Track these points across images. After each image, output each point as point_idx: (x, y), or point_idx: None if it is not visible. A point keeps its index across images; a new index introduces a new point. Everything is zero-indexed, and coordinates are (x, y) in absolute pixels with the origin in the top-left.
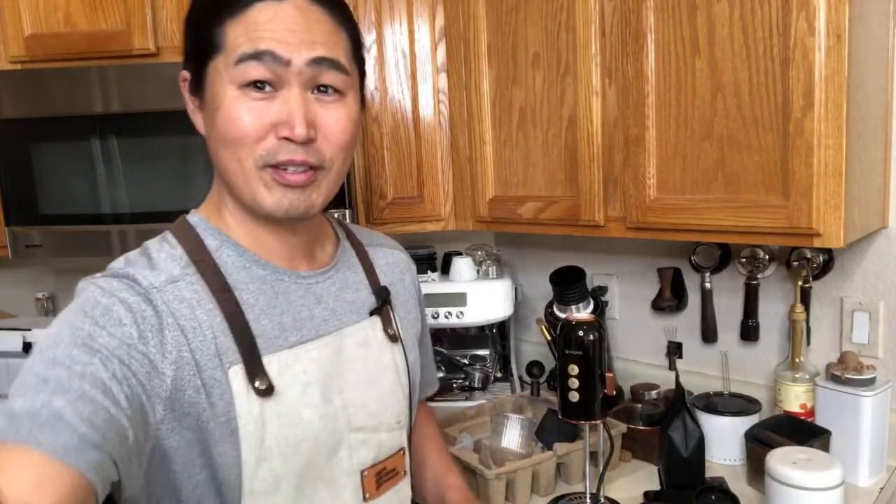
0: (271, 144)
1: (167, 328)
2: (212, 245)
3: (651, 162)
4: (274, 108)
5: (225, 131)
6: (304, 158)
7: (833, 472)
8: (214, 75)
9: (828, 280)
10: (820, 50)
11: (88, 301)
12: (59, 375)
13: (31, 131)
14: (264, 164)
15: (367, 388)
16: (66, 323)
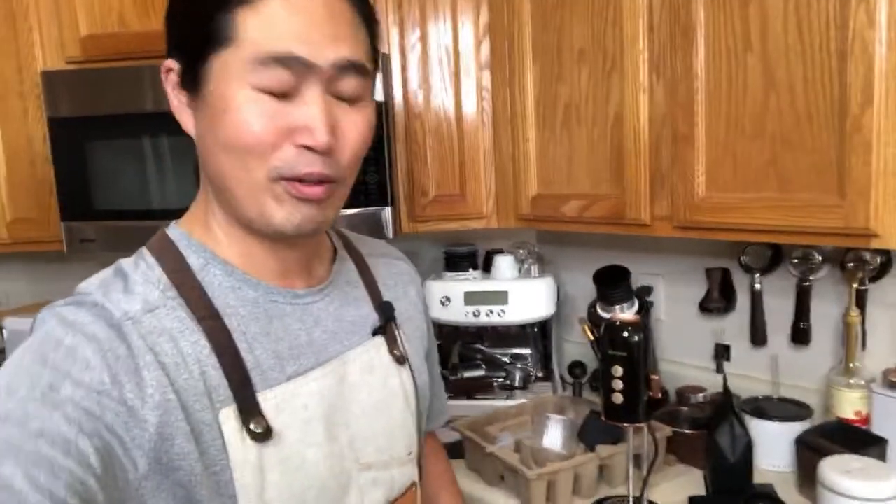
0: (288, 154)
1: (145, 368)
2: (195, 264)
3: (700, 160)
4: (292, 110)
5: (235, 136)
6: (323, 170)
7: (890, 483)
8: (221, 71)
9: (885, 282)
10: (880, 43)
11: (49, 340)
12: (10, 435)
13: (86, 129)
14: (279, 176)
15: (375, 419)
16: (22, 369)
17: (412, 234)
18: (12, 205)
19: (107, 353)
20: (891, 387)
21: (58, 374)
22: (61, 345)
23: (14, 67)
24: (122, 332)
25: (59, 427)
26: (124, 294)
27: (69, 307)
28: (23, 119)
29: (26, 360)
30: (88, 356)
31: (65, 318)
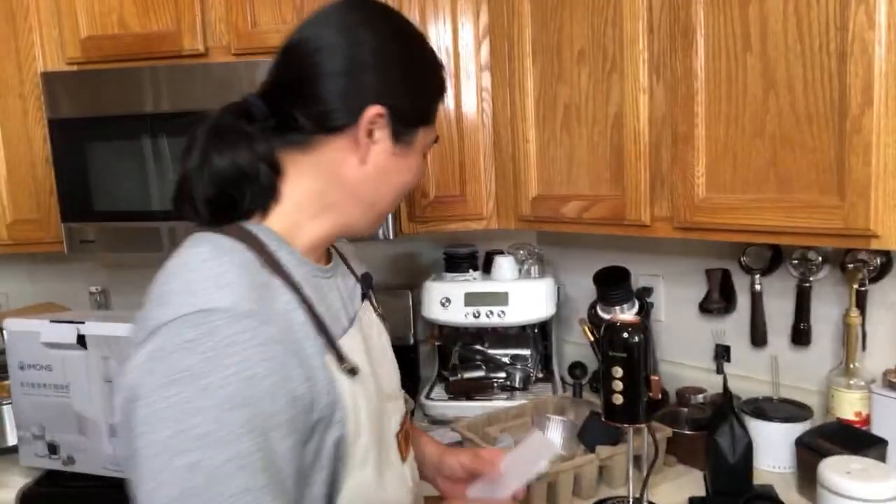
0: None
1: (295, 355)
2: (270, 245)
3: (700, 160)
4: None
5: (411, 182)
6: None
7: (890, 484)
8: (422, 139)
9: (885, 283)
10: (880, 44)
11: (247, 375)
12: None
13: (86, 130)
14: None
15: (384, 361)
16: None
17: (412, 234)
18: (12, 206)
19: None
20: (891, 388)
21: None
22: (256, 375)
23: (14, 68)
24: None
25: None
26: (251, 290)
27: (231, 320)
28: (23, 120)
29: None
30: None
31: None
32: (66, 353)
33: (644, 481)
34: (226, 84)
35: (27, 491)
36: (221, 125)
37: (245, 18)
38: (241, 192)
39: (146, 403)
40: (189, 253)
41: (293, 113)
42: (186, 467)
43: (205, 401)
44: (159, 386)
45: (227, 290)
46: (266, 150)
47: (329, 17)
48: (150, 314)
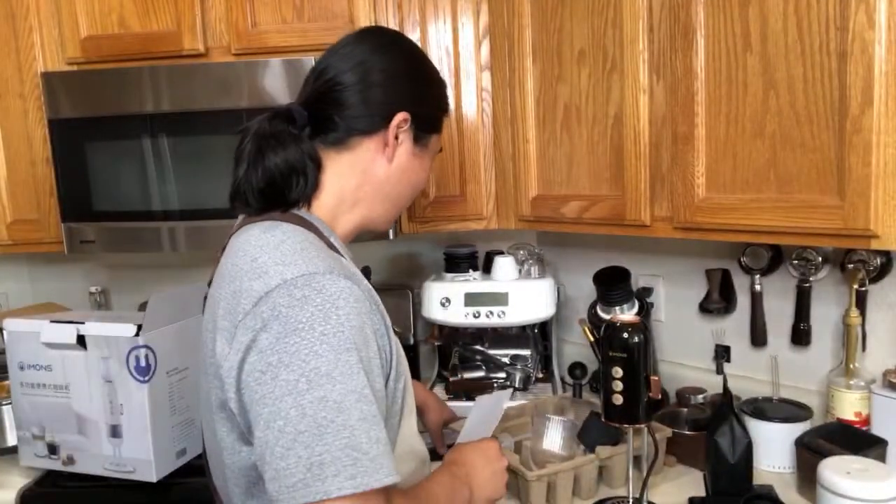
0: None
1: (378, 312)
2: (324, 232)
3: (700, 160)
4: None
5: (422, 183)
6: None
7: (890, 484)
8: (433, 145)
9: (885, 283)
10: (880, 44)
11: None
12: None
13: (86, 130)
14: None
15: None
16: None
17: (412, 234)
18: (12, 206)
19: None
20: (891, 388)
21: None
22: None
23: (14, 68)
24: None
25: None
26: (331, 260)
27: (336, 278)
28: (23, 120)
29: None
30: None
31: (347, 287)
32: (66, 353)
33: (644, 481)
34: (226, 84)
35: (27, 491)
36: (272, 129)
37: (245, 18)
38: (290, 184)
39: (268, 356)
40: (262, 238)
41: (333, 117)
42: (316, 401)
43: (324, 345)
44: (278, 338)
45: (317, 259)
46: (310, 148)
47: (359, 38)
48: (248, 286)
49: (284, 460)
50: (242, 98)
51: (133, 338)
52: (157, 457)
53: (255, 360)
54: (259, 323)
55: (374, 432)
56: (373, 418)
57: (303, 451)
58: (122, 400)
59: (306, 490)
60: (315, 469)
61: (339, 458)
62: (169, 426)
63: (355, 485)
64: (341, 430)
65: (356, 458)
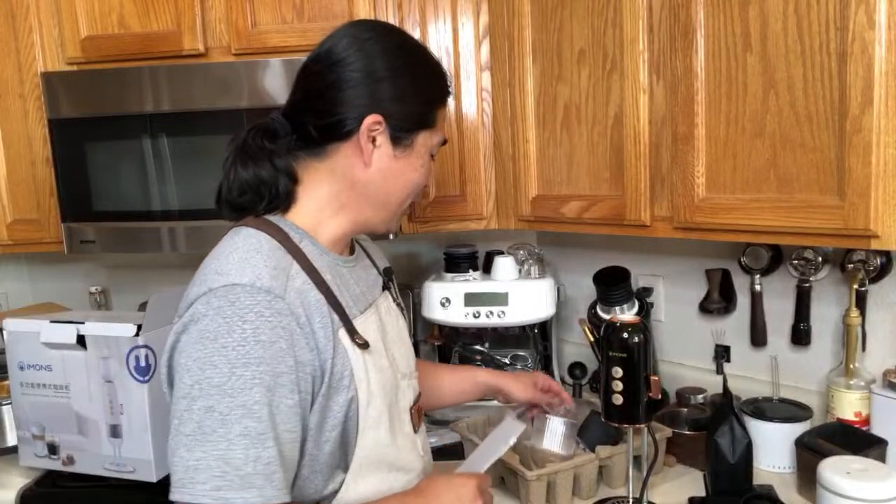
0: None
1: (302, 327)
2: (295, 237)
3: (700, 160)
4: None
5: (416, 183)
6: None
7: (890, 484)
8: (423, 142)
9: (885, 283)
10: (880, 44)
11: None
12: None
13: (87, 130)
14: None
15: (400, 344)
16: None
17: (412, 234)
18: (12, 206)
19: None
20: (891, 388)
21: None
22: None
23: (14, 68)
24: (289, 309)
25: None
26: (268, 269)
27: (244, 292)
28: (23, 120)
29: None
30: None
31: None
32: (66, 353)
33: (644, 481)
34: (226, 84)
35: (27, 491)
36: (249, 143)
37: (245, 18)
38: (260, 196)
39: (180, 358)
40: (226, 243)
41: (307, 126)
42: (203, 409)
43: (222, 357)
44: (190, 344)
45: (249, 270)
46: (285, 164)
47: (338, 36)
48: (190, 291)
49: (173, 456)
50: (242, 98)
51: (133, 338)
52: (157, 457)
53: (176, 358)
54: (181, 327)
55: (255, 451)
56: (258, 436)
57: (185, 453)
58: (122, 400)
59: (181, 490)
60: (190, 472)
61: (211, 467)
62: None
63: (216, 496)
64: (220, 441)
65: (225, 472)
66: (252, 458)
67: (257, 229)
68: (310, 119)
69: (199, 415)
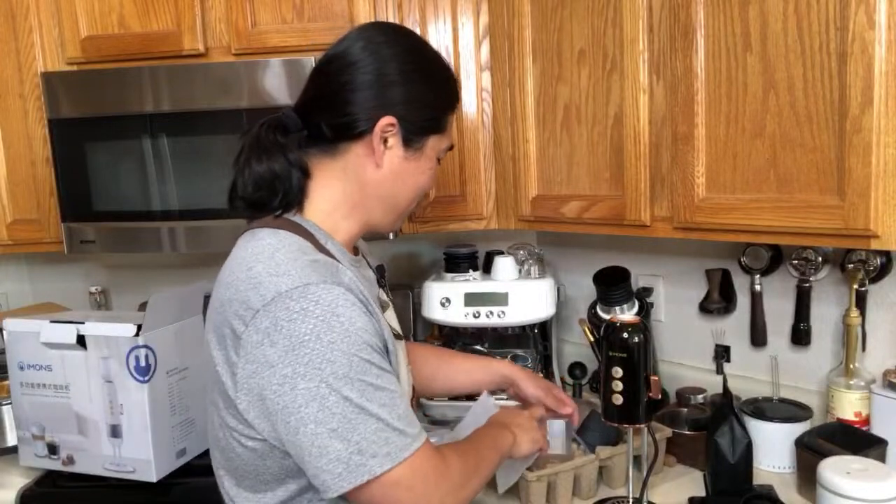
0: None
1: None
2: (320, 239)
3: (700, 160)
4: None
5: (424, 186)
6: None
7: (890, 484)
8: (434, 146)
9: (885, 283)
10: (880, 44)
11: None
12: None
13: (87, 130)
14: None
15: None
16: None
17: (412, 234)
18: (12, 206)
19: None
20: (891, 388)
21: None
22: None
23: (14, 68)
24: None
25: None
26: (324, 267)
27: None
28: (23, 120)
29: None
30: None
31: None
32: (66, 353)
33: (644, 481)
34: (226, 84)
35: (27, 491)
36: (261, 137)
37: (245, 18)
38: (274, 191)
39: (279, 368)
40: (258, 245)
41: (321, 124)
42: (342, 401)
43: (335, 352)
44: (286, 351)
45: (310, 269)
46: (297, 157)
47: (352, 38)
48: (243, 297)
49: (324, 457)
50: (242, 98)
51: (133, 338)
52: (157, 457)
53: (267, 374)
54: (261, 336)
55: (396, 411)
56: (391, 401)
57: (340, 445)
58: (122, 400)
59: (355, 475)
60: (356, 456)
61: (373, 441)
62: (169, 426)
63: (392, 458)
64: (369, 419)
65: (387, 439)
66: (396, 417)
67: (286, 230)
68: (323, 117)
69: (338, 408)
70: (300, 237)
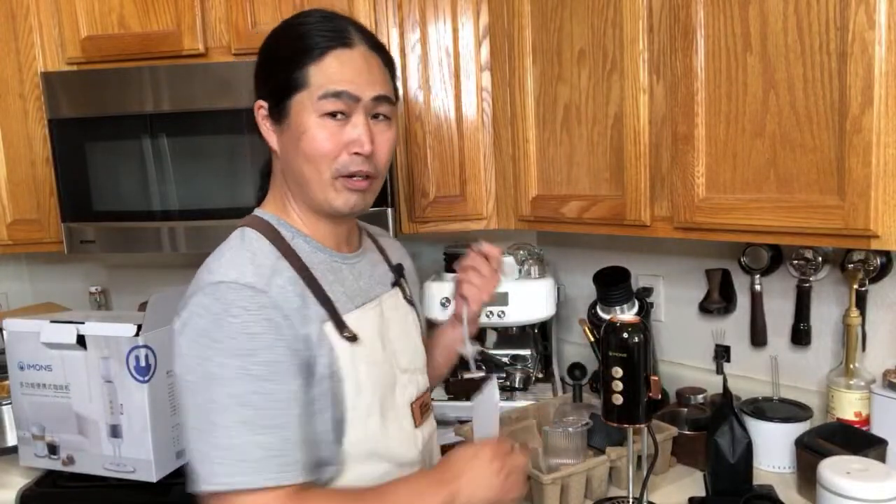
0: (344, 159)
1: (287, 319)
2: (286, 235)
3: (700, 160)
4: (347, 131)
5: (311, 148)
6: (367, 170)
7: (890, 484)
8: (298, 107)
9: (885, 283)
10: (880, 44)
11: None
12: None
13: (86, 130)
14: (338, 175)
15: (404, 340)
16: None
17: (412, 234)
18: (12, 206)
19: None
20: (891, 388)
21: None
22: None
23: (14, 68)
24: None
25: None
26: (254, 266)
27: (227, 288)
28: (23, 120)
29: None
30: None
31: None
32: (66, 353)
33: (644, 481)
34: (226, 84)
35: (27, 491)
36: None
37: (245, 18)
38: (263, 190)
39: (180, 355)
40: (223, 243)
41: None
42: (206, 402)
43: (215, 351)
44: (188, 342)
45: (233, 269)
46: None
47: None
48: (186, 293)
49: (189, 451)
50: (242, 98)
51: (133, 338)
52: (157, 457)
53: (178, 362)
54: (179, 326)
55: (260, 437)
56: (258, 424)
57: (197, 446)
58: (122, 400)
59: (203, 480)
60: (206, 463)
61: (222, 455)
62: (169, 426)
63: (232, 483)
64: (225, 430)
65: (236, 459)
66: (257, 445)
67: (252, 227)
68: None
69: (204, 408)
70: (260, 234)
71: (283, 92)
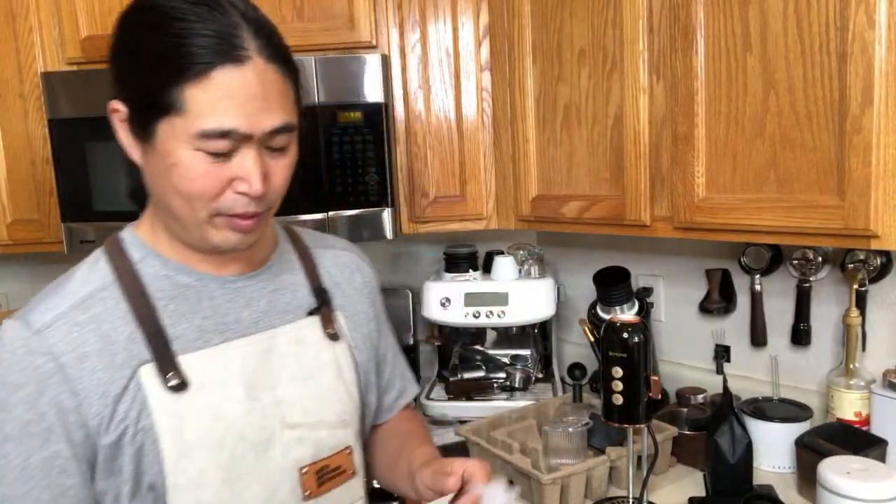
0: (227, 199)
1: (63, 369)
2: (135, 257)
3: (700, 160)
4: (231, 166)
5: (182, 186)
6: (255, 210)
7: (890, 484)
8: (169, 132)
9: (885, 283)
10: (880, 44)
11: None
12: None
13: (86, 130)
14: (218, 214)
15: (303, 386)
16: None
17: (412, 234)
18: (12, 206)
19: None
20: (891, 388)
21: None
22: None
23: (14, 68)
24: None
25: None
26: (59, 299)
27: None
28: (23, 120)
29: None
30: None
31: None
32: None
33: (644, 481)
34: None
35: None
36: None
37: None
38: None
39: None
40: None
41: None
42: None
43: None
44: None
45: (41, 301)
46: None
47: None
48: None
49: None
50: None
51: None
52: None
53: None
54: None
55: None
56: (5, 496)
57: None
58: None
59: None
60: None
61: None
62: None
63: None
64: None
65: None
66: None
67: (102, 247)
68: None
69: None
70: (106, 259)
71: (150, 110)
